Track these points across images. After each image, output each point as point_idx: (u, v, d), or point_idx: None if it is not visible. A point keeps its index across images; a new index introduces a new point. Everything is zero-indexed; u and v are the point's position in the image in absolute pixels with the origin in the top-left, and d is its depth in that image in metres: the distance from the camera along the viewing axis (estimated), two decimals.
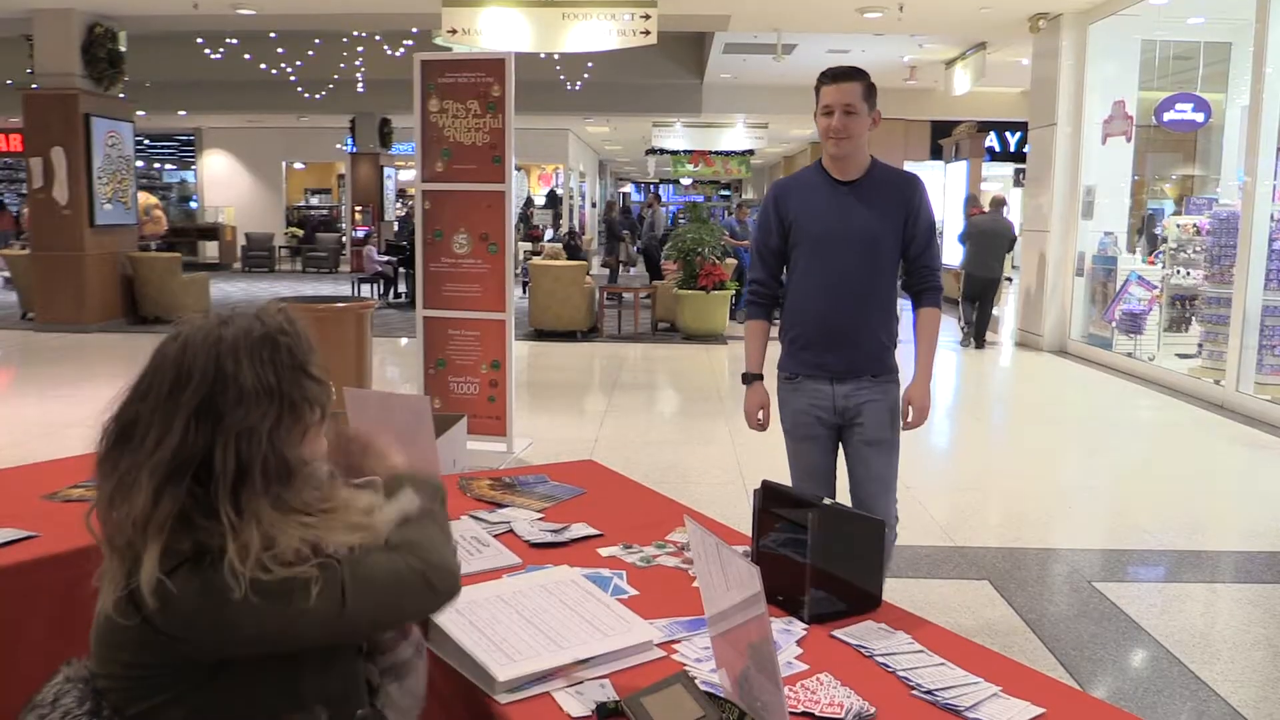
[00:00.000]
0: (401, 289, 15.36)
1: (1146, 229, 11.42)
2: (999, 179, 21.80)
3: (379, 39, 14.42)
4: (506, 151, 5.68)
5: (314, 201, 26.66)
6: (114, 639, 1.27)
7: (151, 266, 12.09)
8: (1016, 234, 11.63)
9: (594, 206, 31.59)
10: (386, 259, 15.55)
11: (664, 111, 19.27)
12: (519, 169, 24.99)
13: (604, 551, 2.09)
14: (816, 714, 1.45)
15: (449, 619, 1.67)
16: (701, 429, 6.93)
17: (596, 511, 2.34)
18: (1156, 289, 9.80)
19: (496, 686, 1.50)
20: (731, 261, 12.65)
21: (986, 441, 7.09)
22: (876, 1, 10.22)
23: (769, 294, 3.07)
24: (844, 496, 2.89)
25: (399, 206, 22.58)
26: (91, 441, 1.35)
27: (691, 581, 1.92)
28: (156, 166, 25.99)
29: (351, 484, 1.41)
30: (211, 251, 22.36)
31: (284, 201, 25.47)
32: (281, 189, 25.48)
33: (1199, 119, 9.56)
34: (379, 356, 8.74)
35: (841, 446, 3.00)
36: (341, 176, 24.63)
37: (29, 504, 2.32)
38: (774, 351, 3.02)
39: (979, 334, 11.03)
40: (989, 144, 18.79)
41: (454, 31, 9.86)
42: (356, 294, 15.09)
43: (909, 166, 13.72)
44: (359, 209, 21.30)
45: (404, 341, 10.91)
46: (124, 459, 1.25)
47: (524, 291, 12.83)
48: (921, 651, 1.64)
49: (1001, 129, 18.56)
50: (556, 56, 13.73)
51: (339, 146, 23.01)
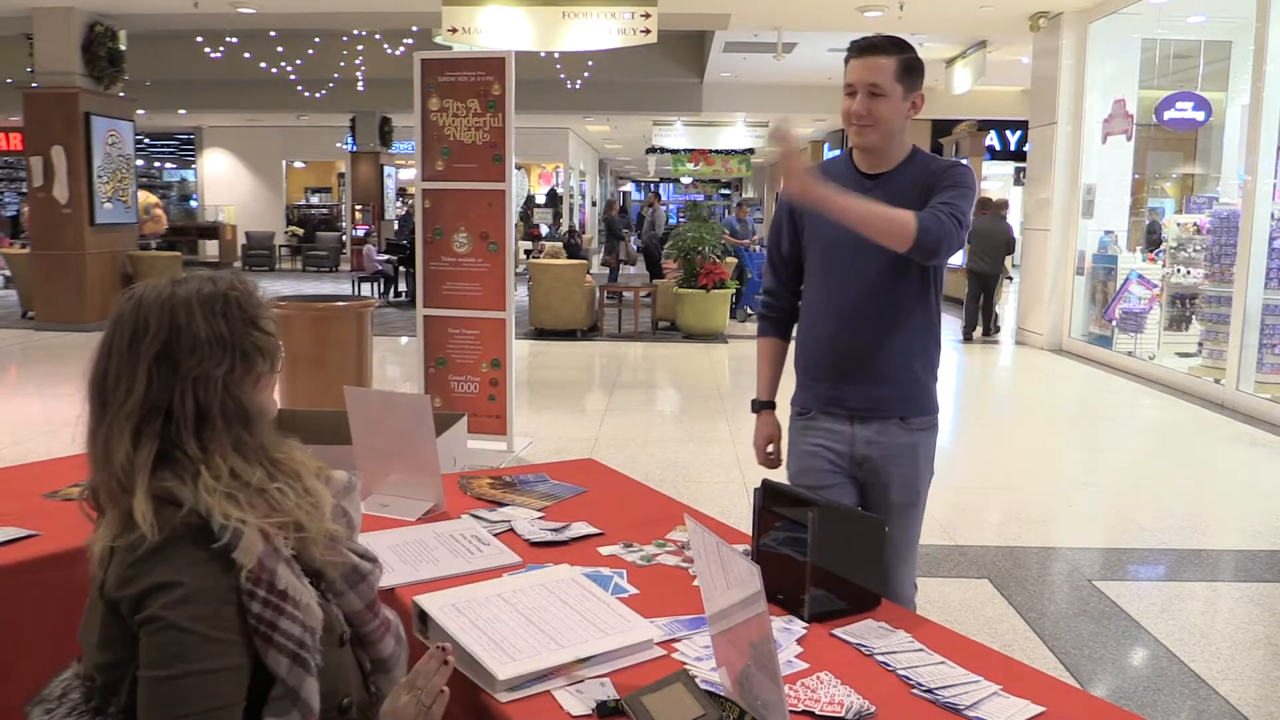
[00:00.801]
0: (402, 288, 15.36)
1: (1148, 235, 11.43)
2: (999, 178, 21.76)
3: (379, 38, 14.41)
4: (507, 150, 5.68)
5: (314, 200, 26.66)
6: (92, 613, 1.28)
7: (152, 265, 12.09)
8: (1015, 236, 11.88)
9: (594, 205, 31.57)
10: (386, 258, 15.56)
11: (664, 110, 19.25)
12: (519, 168, 24.98)
13: (604, 550, 2.09)
14: (817, 712, 1.45)
15: (449, 617, 1.67)
16: (702, 428, 6.93)
17: (597, 510, 2.34)
18: (1157, 288, 9.80)
19: (497, 685, 1.50)
20: (732, 260, 12.66)
21: (986, 440, 7.09)
22: (877, 0, 10.22)
23: (780, 307, 2.56)
24: None
25: (399, 205, 22.57)
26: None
27: (692, 580, 1.93)
28: (157, 165, 25.98)
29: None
30: (212, 250, 22.37)
31: (284, 200, 25.46)
32: (282, 188, 25.47)
33: (1199, 118, 9.56)
34: (379, 355, 8.75)
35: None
36: (341, 175, 24.62)
37: (29, 502, 2.32)
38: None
39: (986, 323, 11.57)
40: (989, 143, 18.79)
41: (454, 30, 9.86)
42: (357, 293, 15.10)
43: None
44: (359, 208, 21.30)
45: (404, 340, 10.91)
46: (105, 417, 1.31)
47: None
48: (921, 650, 1.64)
49: (1002, 128, 18.55)
50: (557, 55, 13.72)
51: (339, 145, 23.00)
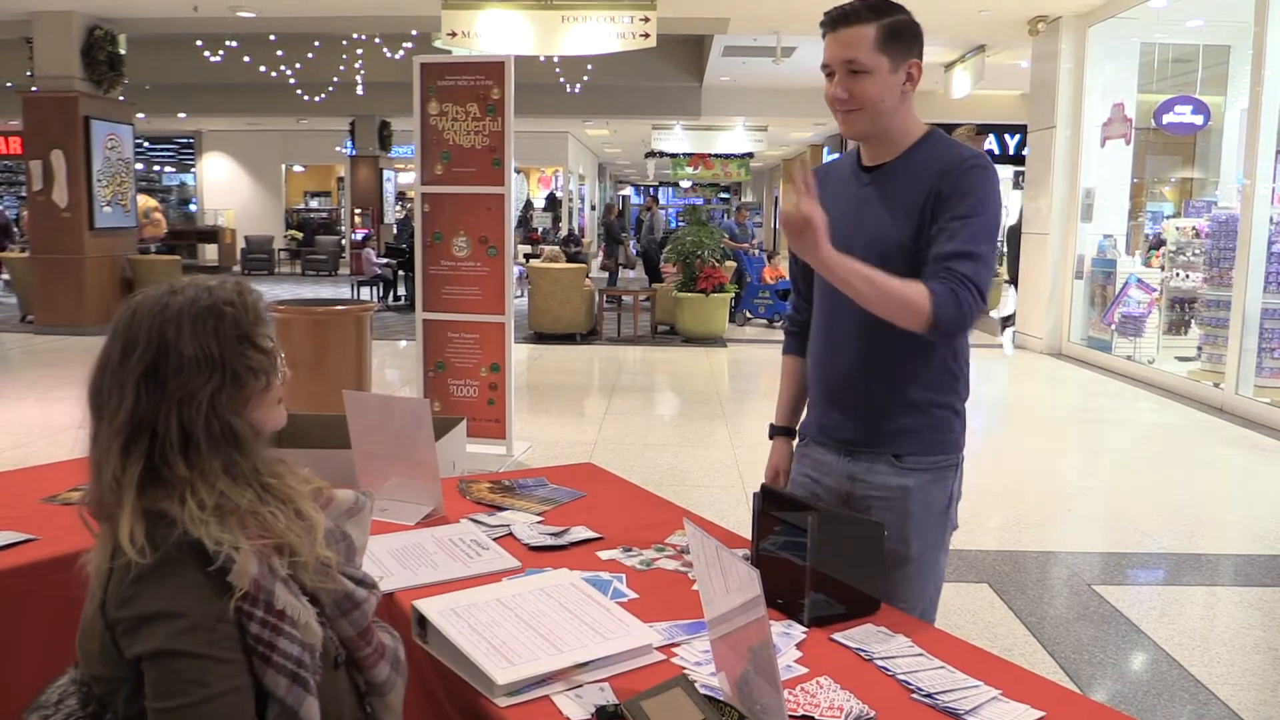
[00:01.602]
0: (401, 291, 15.36)
1: (1148, 243, 11.45)
2: (999, 182, 21.65)
3: (378, 42, 14.42)
4: (506, 154, 5.68)
5: (313, 204, 26.69)
6: (88, 625, 1.28)
7: (151, 269, 12.09)
8: (1003, 250, 11.95)
9: (593, 209, 31.60)
10: (386, 261, 15.57)
11: (663, 114, 19.28)
12: (518, 172, 25.00)
13: (603, 555, 2.09)
14: (816, 717, 1.45)
15: (448, 622, 1.67)
16: (701, 432, 6.92)
17: (596, 515, 2.34)
18: (1156, 292, 9.81)
19: (495, 690, 1.50)
20: (731, 264, 12.66)
21: (986, 444, 7.09)
22: None
23: (802, 321, 2.27)
24: None
25: (398, 209, 22.61)
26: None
27: (691, 585, 1.92)
28: (156, 169, 26.00)
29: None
30: (211, 254, 22.39)
31: (283, 204, 25.48)
32: (281, 192, 25.49)
33: (1198, 122, 9.57)
34: (379, 359, 8.75)
35: None
36: (341, 179, 24.65)
37: (28, 506, 2.32)
38: None
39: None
40: (988, 146, 18.78)
41: (454, 34, 9.87)
42: (356, 296, 15.10)
43: None
44: (358, 212, 21.32)
45: (403, 344, 10.91)
46: (100, 431, 1.31)
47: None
48: (921, 655, 1.64)
49: (1001, 131, 18.56)
50: (556, 59, 13.74)
51: (339, 149, 23.02)
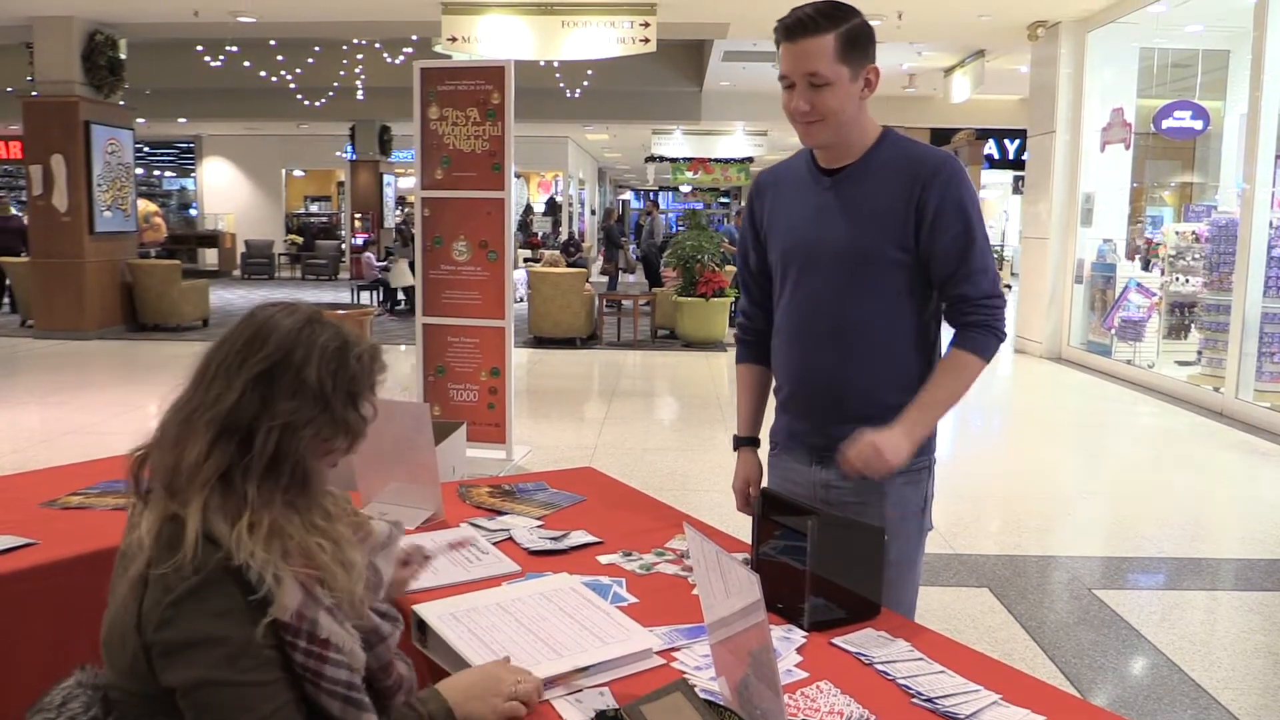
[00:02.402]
0: (400, 296, 15.35)
1: (1148, 250, 11.45)
2: (998, 186, 21.77)
3: (379, 46, 14.44)
4: (506, 159, 5.68)
5: (314, 209, 26.71)
6: (119, 635, 1.26)
7: (151, 274, 12.10)
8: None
9: (593, 214, 31.62)
10: (386, 265, 15.56)
11: (663, 119, 19.30)
12: (518, 176, 25.03)
13: (603, 559, 2.09)
14: None
15: (448, 626, 1.67)
16: (701, 436, 6.92)
17: (596, 519, 2.34)
18: (1156, 296, 9.81)
19: None
20: (731, 268, 12.66)
21: (985, 448, 7.09)
22: (876, 9, 10.22)
23: (756, 329, 2.22)
24: None
25: (398, 213, 22.62)
26: (91, 450, 1.37)
27: (691, 589, 1.92)
28: (156, 174, 26.03)
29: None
30: (211, 259, 22.39)
31: (284, 208, 25.50)
32: (281, 196, 25.51)
33: (1197, 126, 9.57)
34: None
35: None
36: (341, 184, 24.67)
37: (27, 511, 2.32)
38: None
39: None
40: (988, 151, 18.85)
41: (454, 39, 9.89)
42: (356, 301, 15.10)
43: None
44: (359, 216, 21.32)
45: (403, 348, 10.91)
46: (193, 399, 1.30)
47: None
48: (921, 659, 1.64)
49: (1000, 136, 18.61)
50: (556, 64, 13.76)
51: (339, 154, 23.04)
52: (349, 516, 1.39)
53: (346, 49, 15.02)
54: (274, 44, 14.69)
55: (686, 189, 32.53)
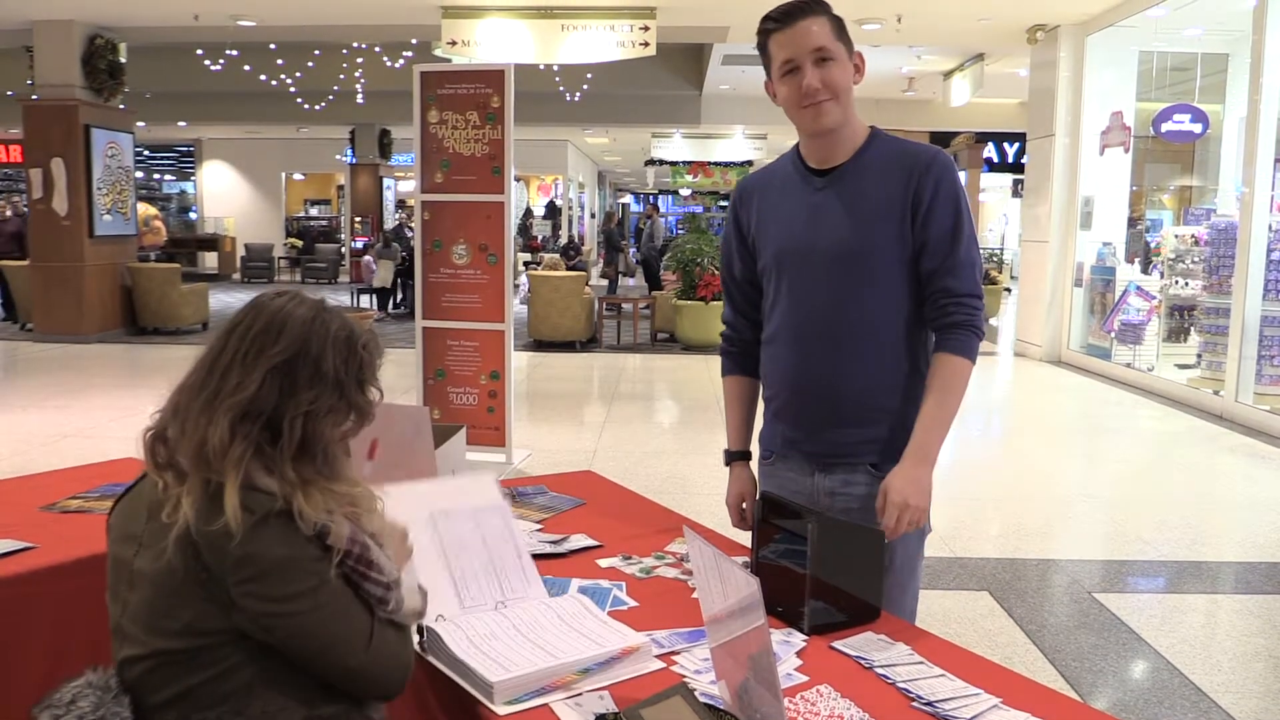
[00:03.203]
0: (400, 298, 15.36)
1: (1146, 253, 11.47)
2: (997, 189, 21.78)
3: (378, 50, 14.45)
4: (506, 162, 5.69)
5: (313, 212, 26.72)
6: (173, 596, 1.33)
7: (151, 277, 12.10)
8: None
9: (593, 217, 31.64)
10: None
11: (663, 122, 19.31)
12: (518, 180, 25.03)
13: (603, 562, 2.08)
14: None
15: (446, 629, 1.67)
16: (701, 439, 6.92)
17: (596, 522, 2.34)
18: (1155, 299, 9.81)
19: (494, 693, 1.49)
20: None
21: (985, 451, 7.09)
22: (875, 12, 10.25)
23: (741, 339, 2.18)
24: None
25: (396, 217, 22.65)
26: (90, 453, 1.39)
27: (691, 592, 1.92)
28: (156, 177, 26.04)
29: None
30: (211, 262, 22.40)
31: (283, 212, 25.51)
32: (281, 200, 25.53)
33: (1197, 130, 9.58)
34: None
35: None
36: (341, 187, 24.68)
37: (27, 515, 2.32)
38: None
39: None
40: (987, 155, 18.86)
41: (453, 43, 9.90)
42: (356, 304, 15.10)
43: None
44: (358, 220, 21.34)
45: (403, 352, 10.90)
46: (209, 387, 1.37)
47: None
48: (922, 663, 1.63)
49: (1000, 140, 18.63)
50: (556, 68, 13.77)
51: (338, 157, 23.06)
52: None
53: (346, 53, 15.04)
54: (274, 48, 14.71)
55: (686, 192, 32.55)
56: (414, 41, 12.98)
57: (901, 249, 1.93)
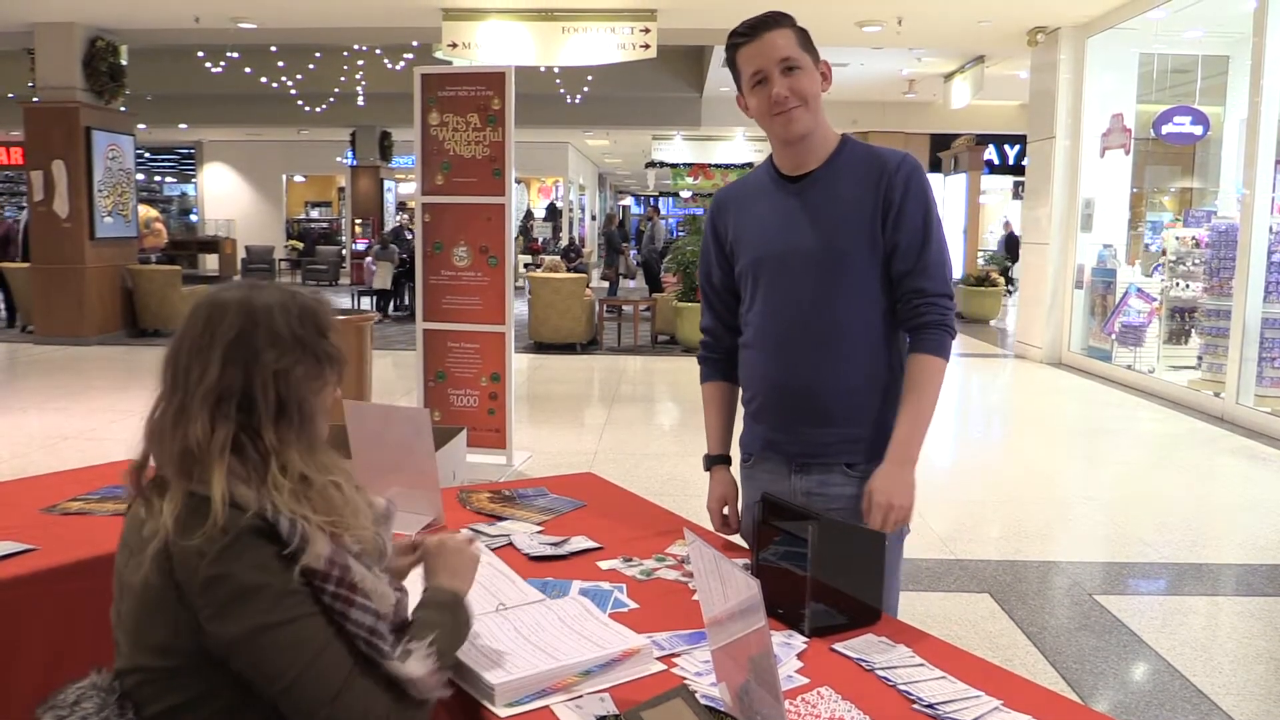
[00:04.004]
0: (406, 301, 15.36)
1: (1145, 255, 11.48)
2: (998, 191, 21.77)
3: (379, 52, 14.47)
4: (506, 164, 5.69)
5: (314, 214, 26.75)
6: (150, 612, 1.31)
7: (152, 279, 12.11)
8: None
9: (594, 219, 31.66)
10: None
11: (664, 124, 19.34)
12: (519, 182, 25.05)
13: (604, 564, 2.08)
14: None
15: None
16: (701, 441, 6.87)
17: (596, 524, 2.34)
18: (1156, 301, 9.81)
19: (495, 695, 1.49)
20: None
21: (986, 453, 7.09)
22: (875, 15, 10.26)
23: (720, 346, 2.29)
24: None
25: (397, 219, 22.67)
26: (91, 455, 1.39)
27: (692, 594, 1.92)
28: (157, 179, 26.06)
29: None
30: (212, 264, 22.41)
31: (284, 214, 25.53)
32: (282, 202, 25.55)
33: (1197, 132, 9.59)
34: (379, 369, 8.75)
35: None
36: (342, 189, 24.71)
37: (28, 516, 2.32)
38: None
39: None
40: (988, 157, 18.86)
41: (454, 45, 9.90)
42: (356, 306, 15.10)
43: None
44: (359, 222, 21.35)
45: (404, 353, 10.91)
46: (176, 395, 1.37)
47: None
48: (922, 665, 1.63)
49: (1000, 142, 18.64)
50: (556, 70, 13.78)
51: (339, 159, 23.09)
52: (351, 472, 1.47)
53: (347, 55, 15.05)
54: (275, 50, 14.73)
55: (687, 194, 32.55)
56: (415, 44, 12.99)
57: (874, 251, 1.99)
